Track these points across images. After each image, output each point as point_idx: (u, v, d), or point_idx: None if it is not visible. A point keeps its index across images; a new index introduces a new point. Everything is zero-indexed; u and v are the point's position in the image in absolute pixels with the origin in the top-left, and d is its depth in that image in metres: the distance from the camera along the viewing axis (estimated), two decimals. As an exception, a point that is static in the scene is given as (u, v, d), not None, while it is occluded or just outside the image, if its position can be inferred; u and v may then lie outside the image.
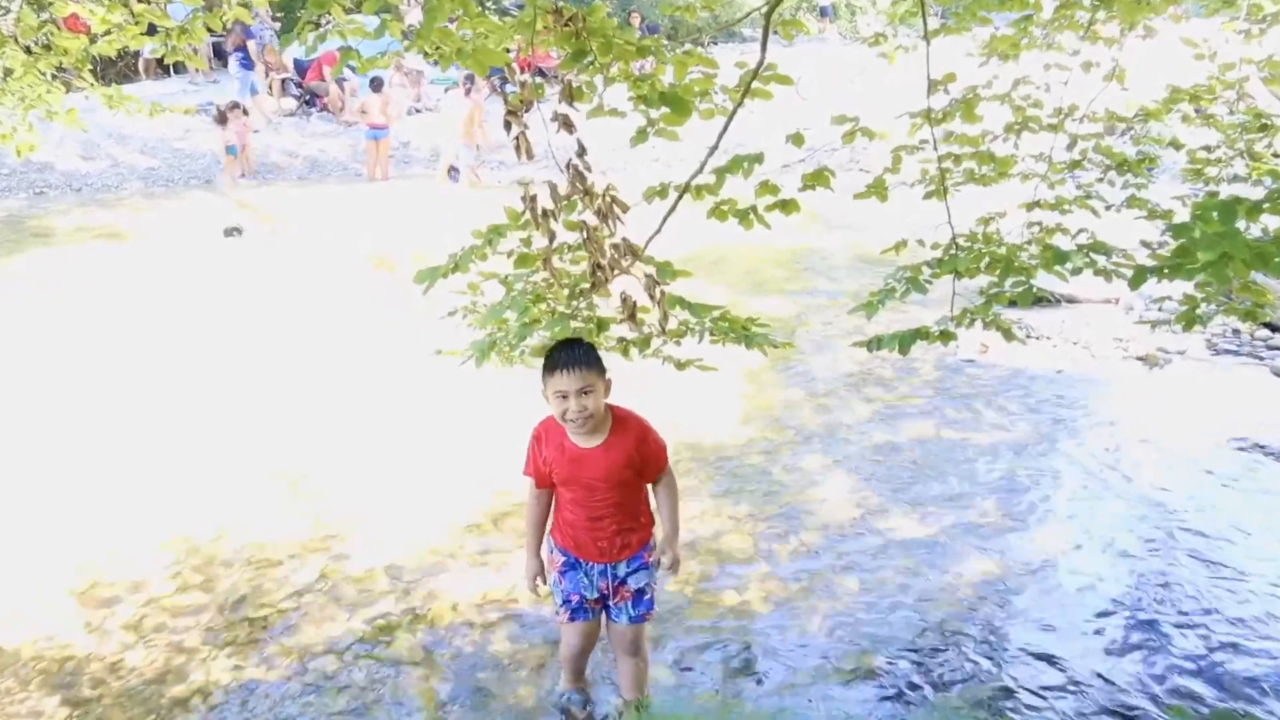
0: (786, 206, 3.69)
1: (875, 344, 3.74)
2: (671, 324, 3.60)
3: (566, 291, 3.69)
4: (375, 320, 8.84)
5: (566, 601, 3.60)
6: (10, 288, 8.84)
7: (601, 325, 3.70)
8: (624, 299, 3.46)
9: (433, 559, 4.99)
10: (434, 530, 5.26)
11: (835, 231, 12.29)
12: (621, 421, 3.46)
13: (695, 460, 6.15)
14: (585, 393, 3.28)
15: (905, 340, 3.65)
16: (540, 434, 3.51)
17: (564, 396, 3.27)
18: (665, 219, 3.64)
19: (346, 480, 5.96)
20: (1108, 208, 4.56)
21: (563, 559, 3.59)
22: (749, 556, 5.04)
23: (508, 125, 3.22)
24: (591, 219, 3.40)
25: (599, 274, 3.41)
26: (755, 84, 3.46)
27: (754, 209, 3.62)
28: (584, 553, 3.55)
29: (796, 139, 3.81)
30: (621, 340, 3.77)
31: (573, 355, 3.28)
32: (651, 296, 3.41)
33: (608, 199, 3.36)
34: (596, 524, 3.50)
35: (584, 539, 3.53)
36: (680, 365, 3.82)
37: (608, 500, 3.48)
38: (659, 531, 3.73)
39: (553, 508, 3.58)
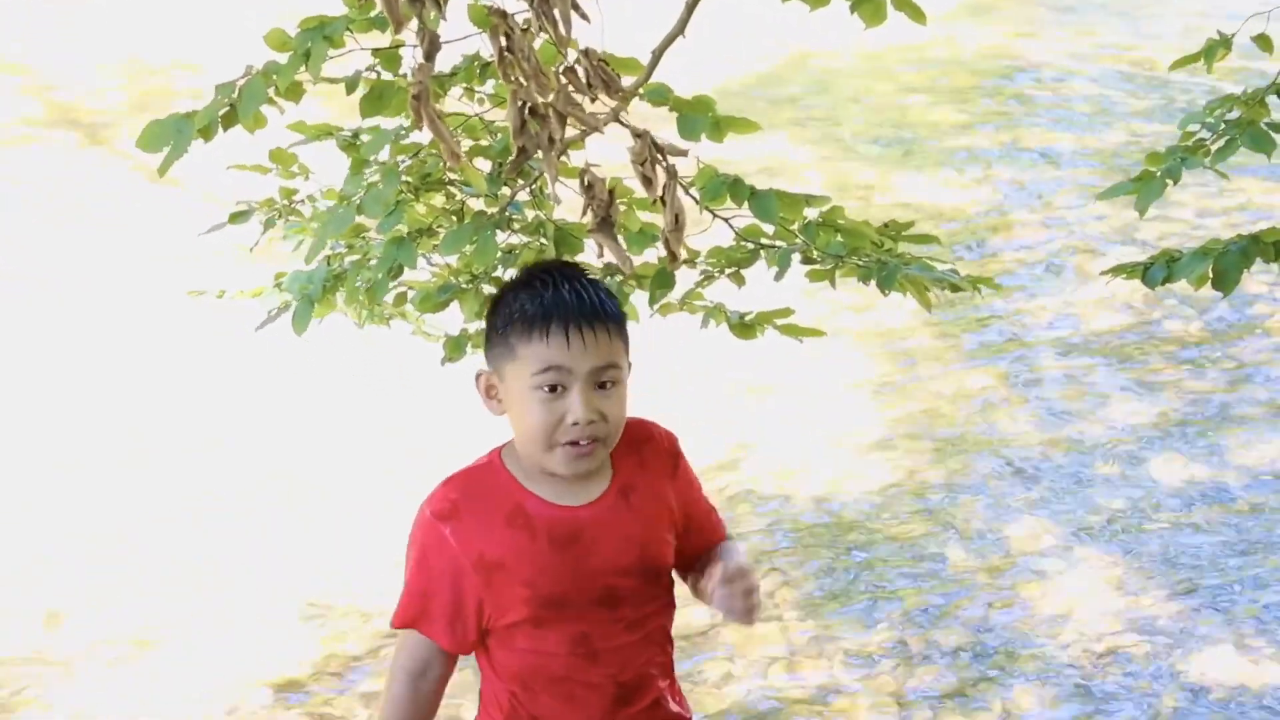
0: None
1: (1159, 270, 3.51)
2: (705, 237, 3.36)
3: (487, 170, 3.40)
4: (61, 234, 8.30)
5: None
6: None
7: (562, 241, 3.42)
8: (587, 184, 3.07)
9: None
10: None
11: (1058, 20, 12.22)
12: (628, 435, 2.89)
13: (774, 531, 5.64)
14: (606, 384, 2.74)
15: (1229, 262, 3.39)
16: (451, 507, 2.78)
17: (555, 387, 2.67)
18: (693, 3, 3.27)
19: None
20: None
21: None
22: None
23: None
24: (520, 6, 3.04)
25: (536, 131, 3.04)
26: None
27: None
28: None
29: None
30: (610, 274, 3.42)
31: (581, 298, 2.75)
32: (648, 179, 3.02)
33: (556, -42, 3.14)
34: (624, 705, 2.88)
35: None
36: (743, 326, 3.55)
37: (648, 623, 2.88)
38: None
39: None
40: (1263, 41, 4.01)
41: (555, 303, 2.72)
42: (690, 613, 5.04)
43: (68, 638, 5.02)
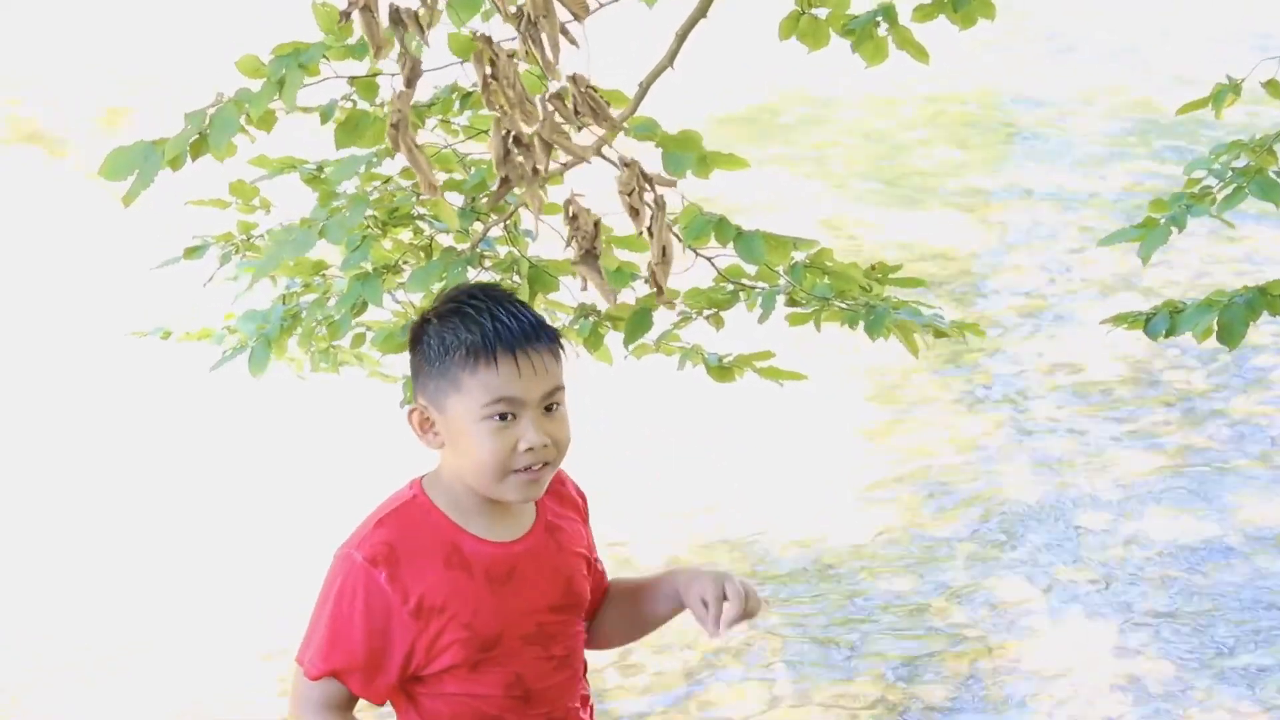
0: (965, 8, 3.41)
1: (1162, 322, 3.52)
2: (686, 277, 3.31)
3: (459, 202, 3.43)
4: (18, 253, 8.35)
5: None
6: None
7: (537, 280, 3.42)
8: (571, 214, 3.06)
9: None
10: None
11: (1061, 59, 12.31)
12: None
13: (756, 578, 5.58)
14: (552, 406, 2.78)
15: (1235, 315, 3.41)
16: (388, 552, 2.76)
17: (507, 415, 2.71)
18: (687, 29, 3.27)
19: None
20: None
21: None
22: None
23: None
24: (506, 33, 3.02)
25: (520, 161, 3.02)
26: None
27: (889, 12, 3.40)
28: None
29: None
30: (585, 315, 3.45)
31: (521, 323, 2.76)
32: (635, 210, 3.02)
33: (544, -18, 3.11)
34: None
35: None
36: (721, 370, 3.55)
37: (574, 660, 2.94)
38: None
39: None
40: (1272, 87, 3.97)
41: (497, 329, 2.72)
42: (667, 660, 5.04)
43: (19, 673, 5.00)
